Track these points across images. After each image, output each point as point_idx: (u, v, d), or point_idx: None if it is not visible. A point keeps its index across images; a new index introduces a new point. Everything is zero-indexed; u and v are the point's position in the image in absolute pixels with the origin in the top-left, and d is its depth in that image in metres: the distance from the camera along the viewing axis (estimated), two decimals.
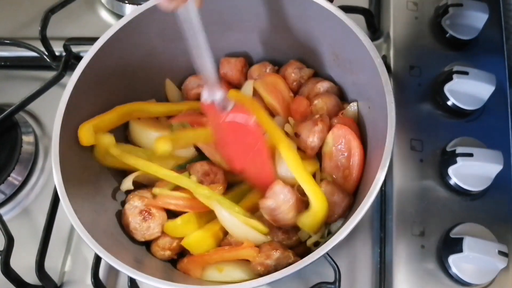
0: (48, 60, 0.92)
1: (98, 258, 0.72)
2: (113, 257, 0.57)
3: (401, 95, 0.80)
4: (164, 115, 0.77)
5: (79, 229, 0.58)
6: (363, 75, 0.67)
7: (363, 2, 0.93)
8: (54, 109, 0.64)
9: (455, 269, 0.67)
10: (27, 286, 0.75)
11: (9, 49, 0.95)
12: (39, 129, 0.91)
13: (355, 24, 0.64)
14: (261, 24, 0.74)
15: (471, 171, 0.71)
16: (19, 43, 0.93)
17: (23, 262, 0.74)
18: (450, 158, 0.73)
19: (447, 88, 0.77)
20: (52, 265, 0.76)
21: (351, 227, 0.55)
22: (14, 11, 1.03)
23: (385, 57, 0.85)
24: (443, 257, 0.69)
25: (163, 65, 0.77)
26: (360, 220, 0.55)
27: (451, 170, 0.72)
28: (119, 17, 0.98)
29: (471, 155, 0.71)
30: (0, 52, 0.96)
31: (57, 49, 0.92)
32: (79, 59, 0.68)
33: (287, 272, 0.54)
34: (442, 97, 0.78)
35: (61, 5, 0.90)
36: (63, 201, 0.60)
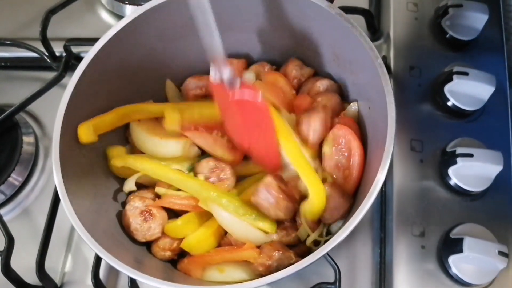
0: (48, 60, 0.92)
1: (98, 258, 0.72)
2: (114, 257, 0.57)
3: (401, 96, 0.80)
4: (163, 115, 0.76)
5: (79, 230, 0.58)
6: (363, 75, 0.67)
7: (363, 2, 0.93)
8: (54, 110, 0.64)
9: (455, 270, 0.67)
10: (28, 286, 0.75)
11: (10, 50, 0.95)
12: (39, 130, 0.91)
13: (355, 24, 0.64)
14: (261, 24, 0.74)
15: (471, 171, 0.71)
16: (20, 44, 0.93)
17: (24, 262, 0.74)
18: (450, 158, 0.73)
19: (447, 88, 0.77)
20: (52, 266, 0.77)
21: (351, 227, 0.55)
22: (14, 11, 1.03)
23: (385, 58, 0.85)
24: (443, 257, 0.69)
25: (163, 65, 0.77)
26: (360, 220, 0.55)
27: (451, 170, 0.72)
28: (119, 17, 0.98)
29: (471, 155, 0.71)
30: (0, 52, 0.96)
31: (58, 49, 0.92)
32: (79, 59, 0.68)
33: (288, 272, 0.54)
34: (442, 97, 0.78)
35: (62, 5, 0.90)
36: (63, 202, 0.60)
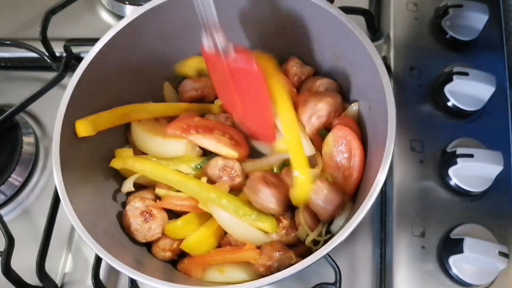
0: (48, 61, 0.92)
1: (98, 259, 0.73)
2: (114, 257, 0.57)
3: (401, 96, 0.80)
4: (162, 115, 0.77)
5: (79, 230, 0.58)
6: (363, 75, 0.67)
7: (363, 3, 0.93)
8: (54, 110, 0.64)
9: (455, 270, 0.67)
10: (28, 287, 0.75)
11: (10, 50, 0.95)
12: (39, 130, 0.91)
13: (356, 25, 0.64)
14: (261, 24, 0.74)
15: (471, 172, 0.71)
16: (20, 44, 0.93)
17: (24, 263, 0.74)
18: (450, 159, 0.73)
19: (447, 89, 0.77)
20: (52, 266, 0.77)
21: (352, 227, 0.55)
22: (14, 12, 1.03)
23: (385, 58, 0.85)
24: (444, 257, 0.69)
25: (163, 66, 0.77)
26: (360, 221, 0.55)
27: (452, 171, 0.72)
28: (119, 18, 0.98)
29: (471, 156, 0.71)
30: (0, 53, 0.96)
31: (58, 50, 0.92)
32: (79, 60, 0.68)
33: (288, 272, 0.54)
34: (442, 98, 0.78)
35: (62, 6, 0.90)
36: (63, 202, 0.60)
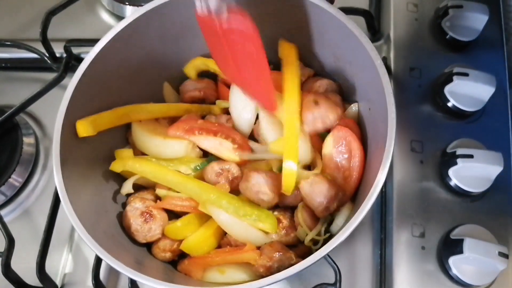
0: (48, 61, 0.92)
1: (98, 259, 0.73)
2: (114, 258, 0.57)
3: (401, 97, 0.80)
4: (162, 115, 0.77)
5: (79, 230, 0.58)
6: (363, 76, 0.67)
7: (364, 3, 0.93)
8: (54, 111, 0.64)
9: (455, 270, 0.67)
10: (28, 287, 0.75)
11: (10, 51, 0.95)
12: (39, 131, 0.91)
13: (356, 25, 0.64)
14: (261, 25, 0.74)
15: (471, 172, 0.71)
16: (20, 45, 0.93)
17: (24, 263, 0.74)
18: (450, 159, 0.73)
19: (447, 89, 0.77)
20: (52, 267, 0.77)
21: (352, 228, 0.55)
22: (14, 12, 1.03)
23: (385, 59, 0.85)
24: (444, 258, 0.69)
25: (163, 66, 0.77)
26: (360, 221, 0.55)
27: (452, 171, 0.72)
28: (119, 18, 0.98)
29: (471, 156, 0.71)
30: (0, 53, 0.96)
31: (58, 50, 0.92)
32: (79, 60, 0.68)
33: (288, 273, 0.54)
34: (442, 98, 0.78)
35: (62, 6, 0.90)
36: (63, 202, 0.60)
